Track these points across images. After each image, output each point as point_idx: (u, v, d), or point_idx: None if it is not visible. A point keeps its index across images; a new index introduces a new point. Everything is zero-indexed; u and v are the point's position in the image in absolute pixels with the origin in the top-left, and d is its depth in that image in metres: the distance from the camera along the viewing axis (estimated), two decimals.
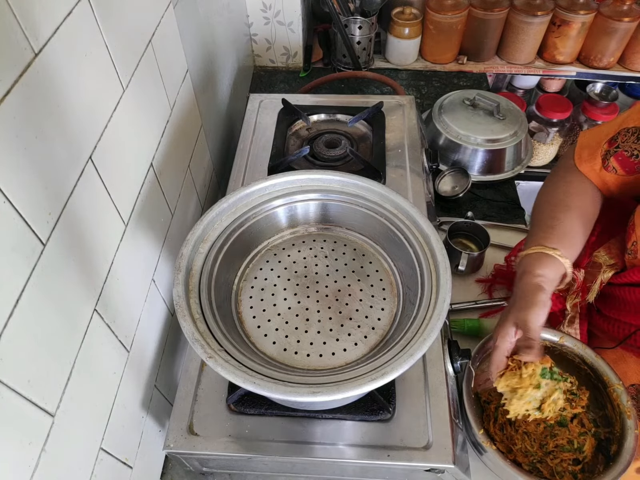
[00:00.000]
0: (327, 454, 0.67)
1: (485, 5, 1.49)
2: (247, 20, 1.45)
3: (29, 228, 0.45)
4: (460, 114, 1.24)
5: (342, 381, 0.54)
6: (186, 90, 0.90)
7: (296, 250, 0.76)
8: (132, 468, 0.71)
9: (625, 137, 0.72)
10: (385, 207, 0.72)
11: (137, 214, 0.70)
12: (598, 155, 0.76)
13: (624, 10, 1.48)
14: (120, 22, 0.63)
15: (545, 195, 0.81)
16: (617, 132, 0.74)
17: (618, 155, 0.73)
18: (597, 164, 0.76)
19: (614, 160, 0.73)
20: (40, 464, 0.48)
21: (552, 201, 0.78)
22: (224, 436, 0.68)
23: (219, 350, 0.56)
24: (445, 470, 0.67)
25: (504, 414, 0.77)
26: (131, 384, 0.70)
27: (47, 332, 0.49)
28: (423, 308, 0.60)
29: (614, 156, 0.73)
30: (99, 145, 0.59)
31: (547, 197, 0.80)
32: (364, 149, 1.04)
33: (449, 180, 1.19)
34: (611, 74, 1.62)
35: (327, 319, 0.68)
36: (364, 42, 1.49)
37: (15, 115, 0.43)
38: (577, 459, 0.73)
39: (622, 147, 0.73)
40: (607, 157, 0.74)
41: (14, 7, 0.42)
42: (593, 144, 0.77)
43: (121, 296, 0.66)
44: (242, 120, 1.12)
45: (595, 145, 0.77)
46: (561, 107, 1.64)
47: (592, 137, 0.78)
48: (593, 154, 0.77)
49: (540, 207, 0.79)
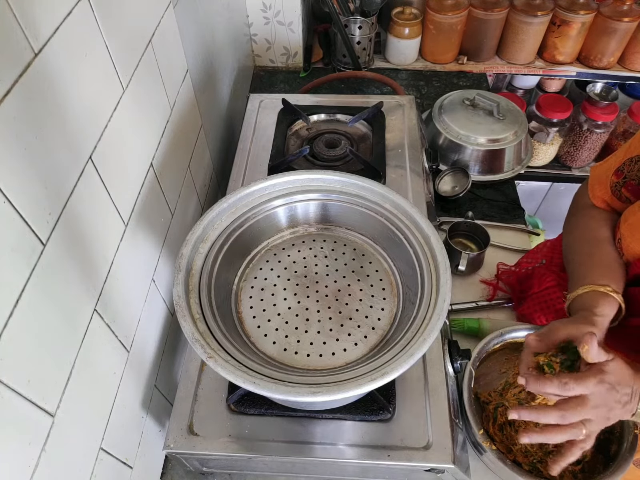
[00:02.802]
0: (327, 454, 0.67)
1: (485, 5, 1.49)
2: (247, 20, 1.45)
3: (29, 228, 0.45)
4: (460, 114, 1.24)
5: (342, 381, 0.54)
6: (186, 90, 0.90)
7: (296, 250, 0.76)
8: (132, 468, 0.71)
9: (629, 166, 0.73)
10: (385, 207, 0.72)
11: (137, 214, 0.70)
12: (607, 187, 0.77)
13: (624, 10, 1.48)
14: (120, 22, 0.63)
15: (574, 232, 0.81)
16: (623, 163, 0.74)
17: (628, 185, 0.73)
18: (607, 195, 0.78)
19: (625, 191, 0.74)
20: (40, 464, 0.48)
21: (584, 237, 0.78)
22: (224, 436, 0.68)
23: (218, 350, 0.56)
24: (445, 470, 0.67)
25: (503, 414, 0.78)
26: (131, 384, 0.70)
27: (47, 332, 0.49)
28: (423, 308, 0.60)
29: (624, 187, 0.74)
30: (99, 145, 0.59)
31: (577, 234, 0.80)
32: (364, 149, 1.04)
33: (449, 180, 1.19)
34: (611, 74, 1.63)
35: (327, 319, 0.68)
36: (364, 42, 1.49)
37: (15, 116, 0.43)
38: (577, 459, 0.73)
39: (629, 176, 0.73)
40: (617, 189, 0.75)
41: (14, 7, 0.42)
42: (603, 178, 0.79)
43: (121, 296, 0.66)
44: (242, 120, 1.12)
45: (605, 178, 0.78)
46: (561, 107, 1.64)
47: (602, 172, 0.80)
48: (604, 188, 0.78)
49: (574, 246, 0.79)
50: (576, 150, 1.75)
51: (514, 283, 0.97)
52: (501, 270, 1.01)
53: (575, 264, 0.77)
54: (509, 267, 1.00)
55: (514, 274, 0.99)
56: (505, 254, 1.06)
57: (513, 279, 0.98)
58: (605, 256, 0.73)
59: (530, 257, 0.99)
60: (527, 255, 1.00)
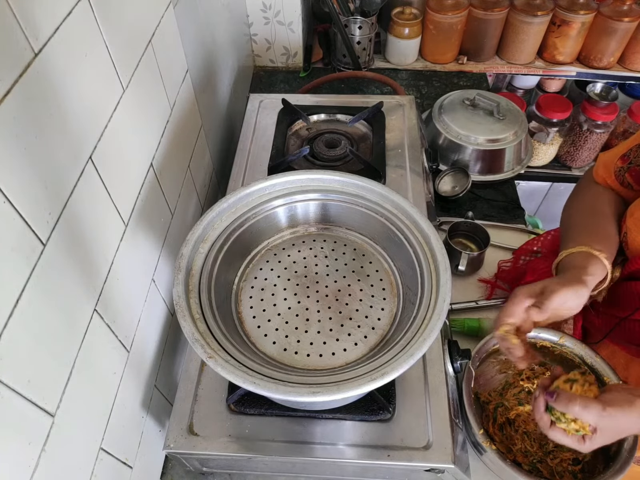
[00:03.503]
0: (327, 454, 0.67)
1: (485, 5, 1.49)
2: (247, 20, 1.45)
3: (29, 228, 0.45)
4: (460, 114, 1.24)
5: (342, 381, 0.54)
6: (186, 90, 0.90)
7: (296, 250, 0.76)
8: (132, 468, 0.71)
9: (636, 152, 0.74)
10: (385, 207, 0.72)
11: (137, 214, 0.70)
12: (612, 171, 0.79)
13: (624, 10, 1.48)
14: (120, 22, 0.63)
15: (576, 203, 0.82)
16: (630, 149, 0.76)
17: (632, 171, 0.75)
18: (610, 179, 0.79)
19: (629, 177, 0.75)
20: (40, 464, 0.48)
21: (584, 208, 0.79)
22: (224, 436, 0.68)
23: (218, 350, 0.56)
24: (445, 470, 0.67)
25: (503, 414, 0.78)
26: (131, 384, 0.70)
27: (47, 332, 0.49)
28: (423, 308, 0.60)
29: (627, 172, 0.75)
30: (99, 145, 0.59)
31: (578, 205, 0.81)
32: (364, 149, 1.04)
33: (449, 180, 1.19)
34: (611, 74, 1.63)
35: (327, 319, 0.68)
36: (364, 42, 1.49)
37: (15, 116, 0.43)
38: (577, 459, 0.73)
39: (634, 162, 0.74)
40: (621, 174, 0.76)
41: (14, 7, 0.42)
42: (609, 162, 0.80)
43: (121, 296, 0.66)
44: (242, 120, 1.12)
45: (610, 163, 0.79)
46: (561, 107, 1.64)
47: (609, 156, 0.81)
48: (608, 170, 0.79)
49: (574, 214, 0.80)
50: (576, 150, 1.76)
51: (513, 277, 0.97)
52: (502, 269, 1.01)
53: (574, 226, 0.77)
54: (509, 263, 1.00)
55: (512, 269, 0.99)
56: (505, 254, 1.06)
57: (512, 273, 0.98)
58: (603, 228, 0.74)
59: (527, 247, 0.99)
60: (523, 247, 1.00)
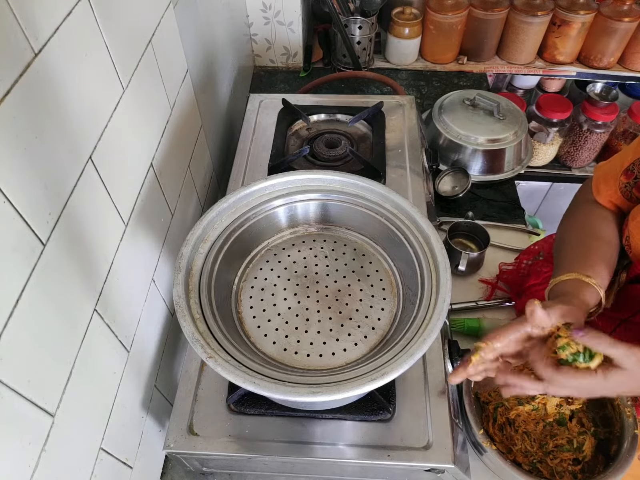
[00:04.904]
0: (327, 454, 0.67)
1: (485, 5, 1.49)
2: (247, 20, 1.45)
3: (29, 228, 0.45)
4: (460, 114, 1.24)
5: (342, 381, 0.54)
6: (186, 90, 0.90)
7: (296, 250, 0.76)
8: (132, 468, 0.71)
9: None
10: (385, 207, 0.72)
11: (137, 214, 0.70)
12: (616, 187, 0.76)
13: (624, 10, 1.48)
14: (120, 22, 0.63)
15: (571, 223, 0.80)
16: (632, 163, 0.73)
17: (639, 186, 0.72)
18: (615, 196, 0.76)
19: (637, 192, 0.72)
20: (40, 464, 0.48)
21: (579, 229, 0.77)
22: (224, 436, 0.68)
23: (218, 350, 0.56)
24: (445, 470, 0.67)
25: (503, 414, 0.78)
26: (131, 384, 0.70)
27: (47, 332, 0.49)
28: (423, 308, 0.60)
29: (635, 187, 0.72)
30: (99, 145, 0.59)
31: (574, 225, 0.79)
32: (364, 149, 1.04)
33: (449, 180, 1.19)
34: (611, 74, 1.62)
35: (327, 319, 0.68)
36: (364, 42, 1.49)
37: (15, 116, 0.43)
38: (577, 459, 0.73)
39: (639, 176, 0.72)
40: (627, 189, 0.73)
41: (14, 7, 0.42)
42: (609, 177, 0.77)
43: (121, 296, 0.66)
44: (242, 120, 1.12)
45: (612, 178, 0.76)
46: (561, 107, 1.63)
47: (608, 170, 0.78)
48: (611, 187, 0.77)
49: (568, 235, 0.78)
50: (576, 150, 1.75)
51: (515, 279, 0.97)
52: (503, 270, 1.01)
53: (567, 250, 0.76)
54: (511, 266, 1.00)
55: (515, 271, 0.98)
56: (505, 254, 1.06)
57: (515, 275, 0.98)
58: (599, 251, 0.72)
59: (530, 251, 0.99)
60: (526, 251, 1.00)
